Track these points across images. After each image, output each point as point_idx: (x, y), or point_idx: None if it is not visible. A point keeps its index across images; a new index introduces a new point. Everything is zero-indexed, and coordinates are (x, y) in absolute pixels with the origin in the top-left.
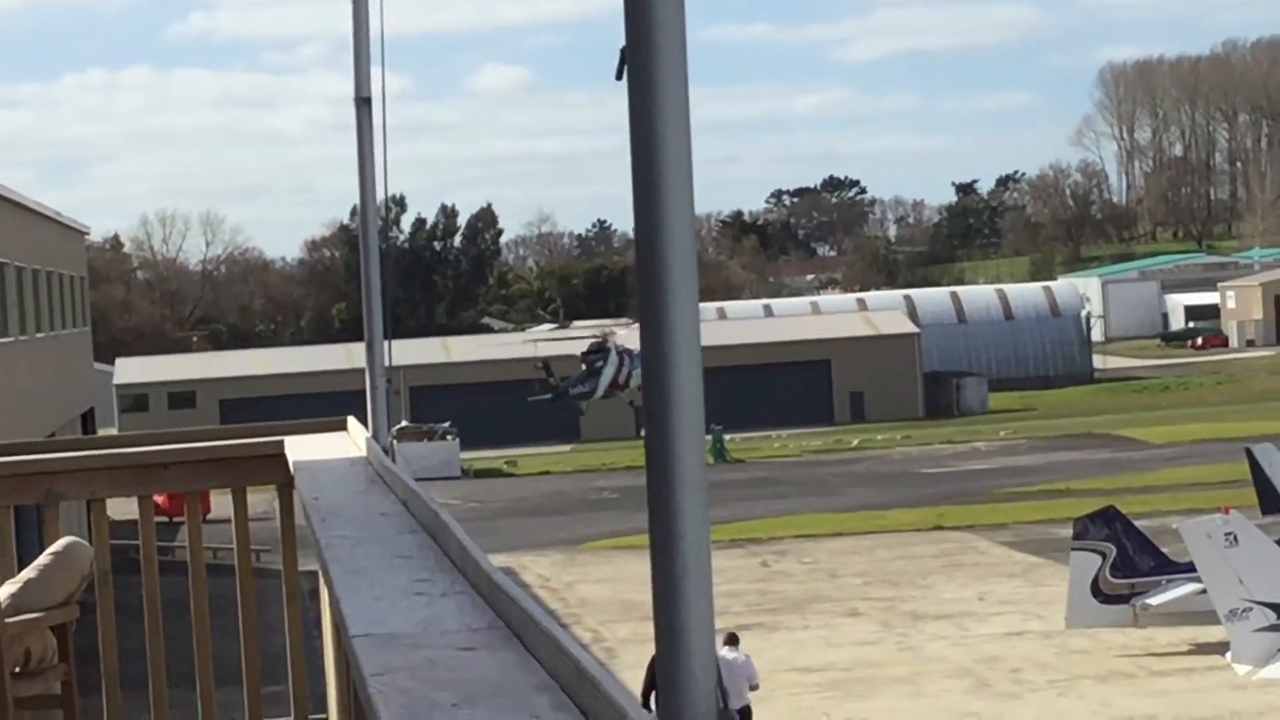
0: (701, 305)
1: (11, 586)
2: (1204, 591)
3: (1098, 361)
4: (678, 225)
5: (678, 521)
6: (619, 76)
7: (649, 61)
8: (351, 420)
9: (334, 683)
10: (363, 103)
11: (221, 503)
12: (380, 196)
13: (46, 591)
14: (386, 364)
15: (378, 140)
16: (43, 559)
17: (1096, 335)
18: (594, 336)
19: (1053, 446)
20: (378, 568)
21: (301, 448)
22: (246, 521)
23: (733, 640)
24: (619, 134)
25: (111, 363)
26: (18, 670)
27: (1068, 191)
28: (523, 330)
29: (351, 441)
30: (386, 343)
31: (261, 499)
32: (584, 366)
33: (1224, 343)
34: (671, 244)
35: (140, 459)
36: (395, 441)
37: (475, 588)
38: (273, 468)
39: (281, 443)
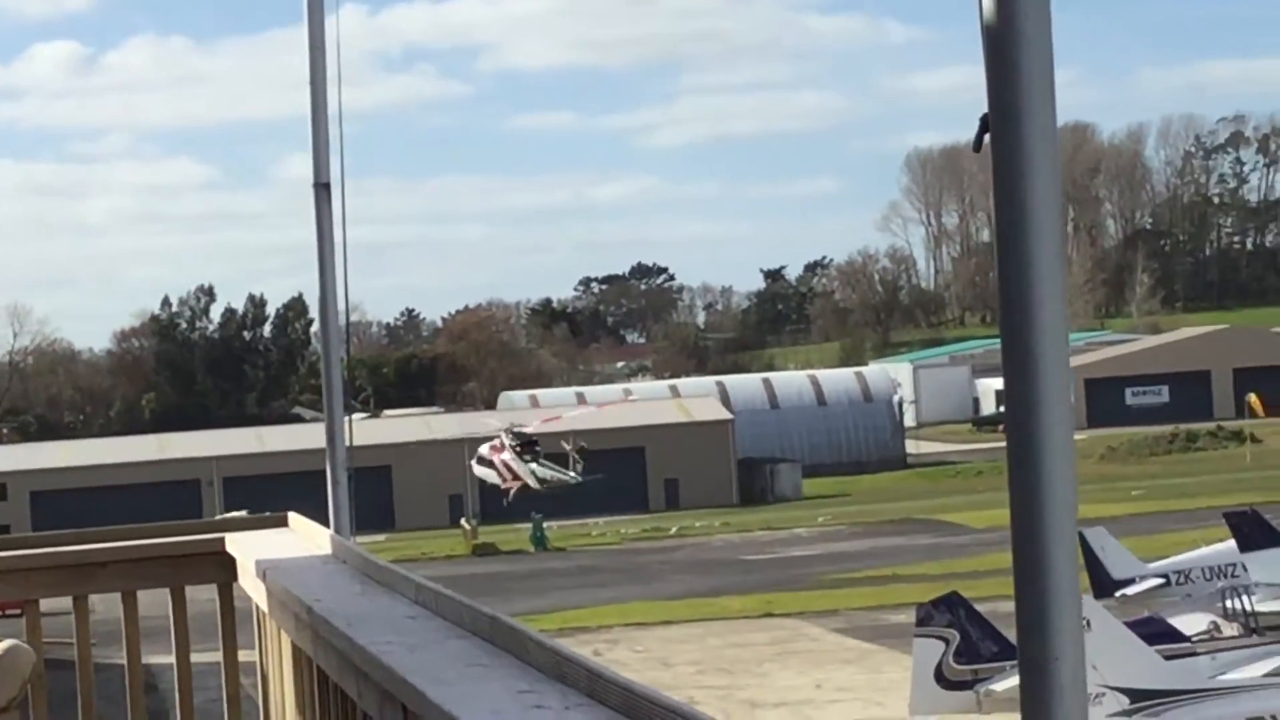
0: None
1: None
2: None
3: (910, 446)
4: (1049, 299)
5: (1051, 637)
6: (976, 148)
7: (1017, 129)
8: (294, 516)
9: None
10: (321, 188)
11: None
12: (341, 281)
13: None
14: (347, 455)
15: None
16: None
17: (909, 420)
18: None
19: (873, 532)
20: (460, 678)
21: (245, 545)
22: (185, 622)
23: None
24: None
25: None
26: None
27: (876, 277)
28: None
29: (303, 538)
30: (348, 435)
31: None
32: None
33: None
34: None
35: (78, 558)
36: None
37: (594, 697)
38: (213, 565)
39: (222, 539)
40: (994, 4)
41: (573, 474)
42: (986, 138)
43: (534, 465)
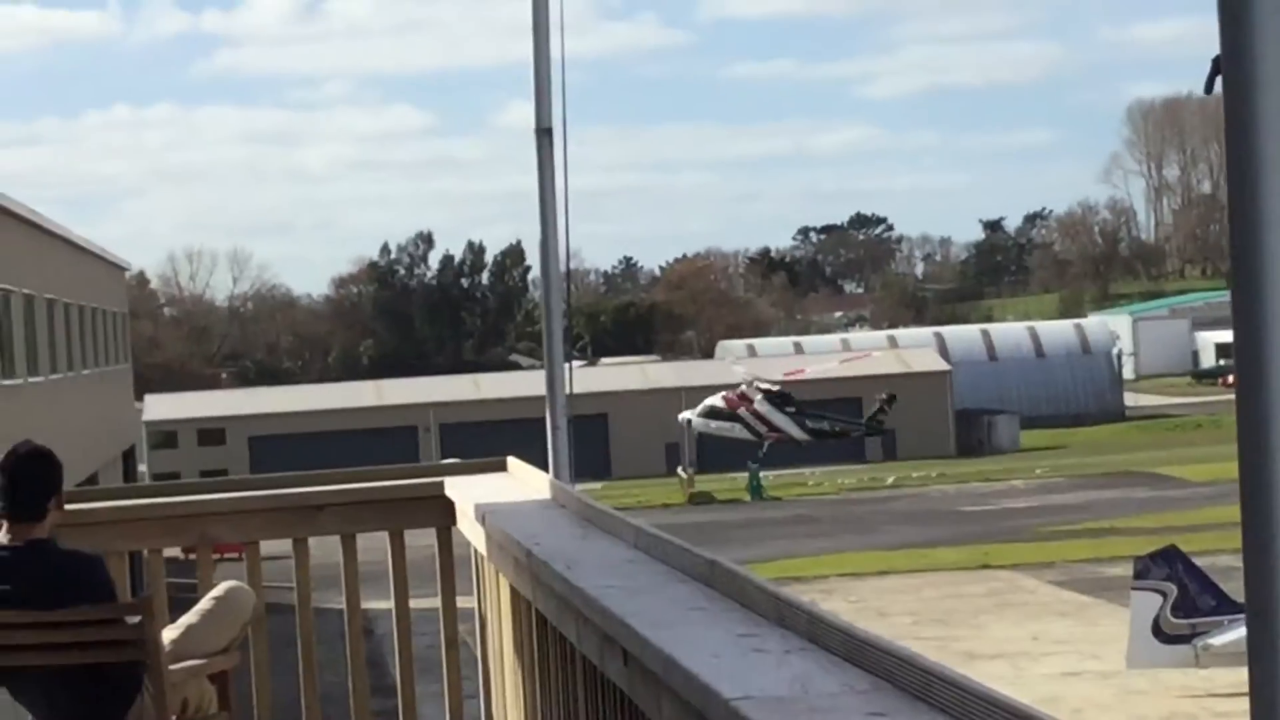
0: (731, 343)
1: (172, 632)
2: None
3: (1129, 399)
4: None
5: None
6: (1208, 90)
7: (1249, 71)
8: (512, 460)
9: None
10: (544, 133)
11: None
12: (563, 230)
13: (207, 638)
14: (567, 402)
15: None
16: (204, 604)
17: (1127, 373)
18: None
19: (1091, 484)
20: (680, 621)
21: (464, 489)
22: (404, 565)
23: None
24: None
25: (140, 399)
26: None
27: (1096, 229)
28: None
29: (522, 483)
30: (569, 380)
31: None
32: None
33: None
34: (1274, 264)
35: (296, 500)
36: None
37: (815, 641)
38: (431, 509)
39: (441, 484)
40: None
41: (837, 425)
42: (1218, 80)
43: (805, 419)
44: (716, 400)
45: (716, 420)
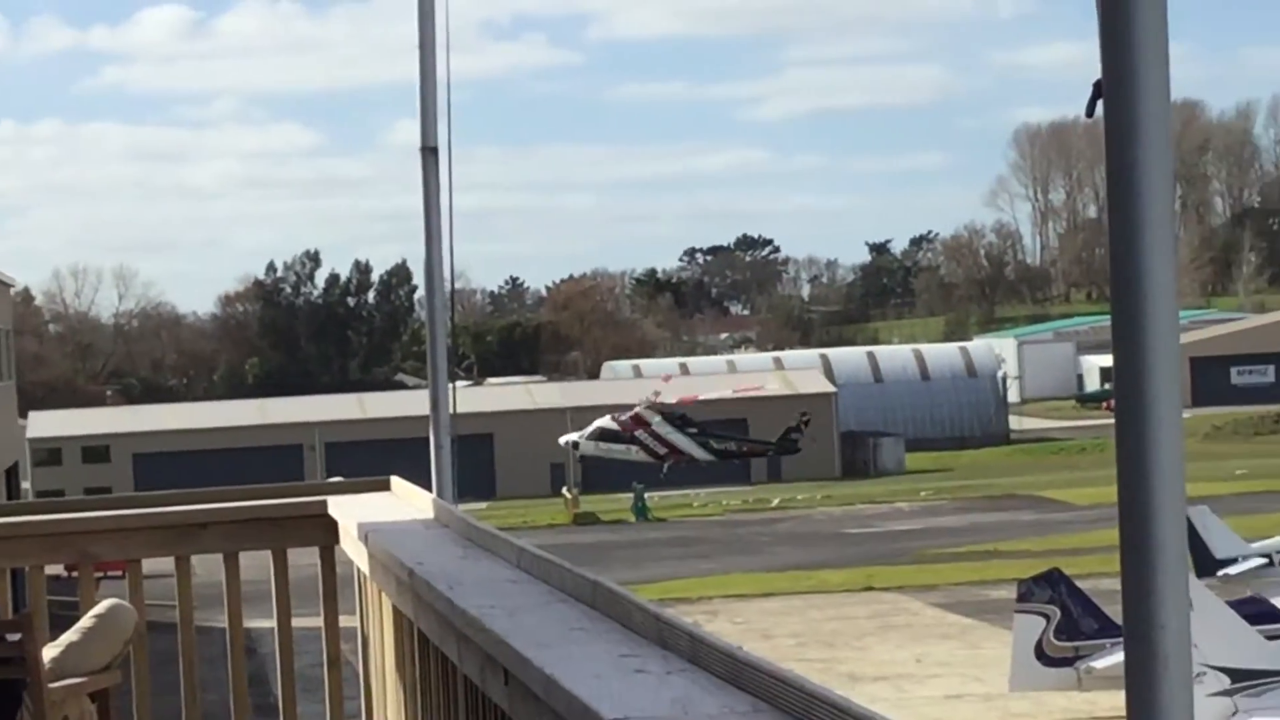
0: (616, 364)
1: (53, 650)
2: None
3: (1014, 422)
4: (1159, 265)
5: (1155, 604)
6: (1089, 113)
7: (1130, 94)
8: (395, 479)
9: None
10: (429, 152)
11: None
12: (447, 249)
13: (88, 655)
14: (451, 421)
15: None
16: (85, 621)
17: (1012, 396)
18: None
19: (976, 507)
20: (560, 641)
21: (347, 508)
22: (287, 584)
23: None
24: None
25: (24, 416)
26: None
27: (982, 252)
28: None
29: (405, 502)
30: (453, 399)
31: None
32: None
33: None
34: (1152, 285)
35: (179, 518)
36: None
37: (697, 663)
38: (315, 528)
39: (324, 503)
40: None
41: (744, 445)
42: (1099, 103)
43: (709, 440)
44: (607, 422)
45: (608, 443)
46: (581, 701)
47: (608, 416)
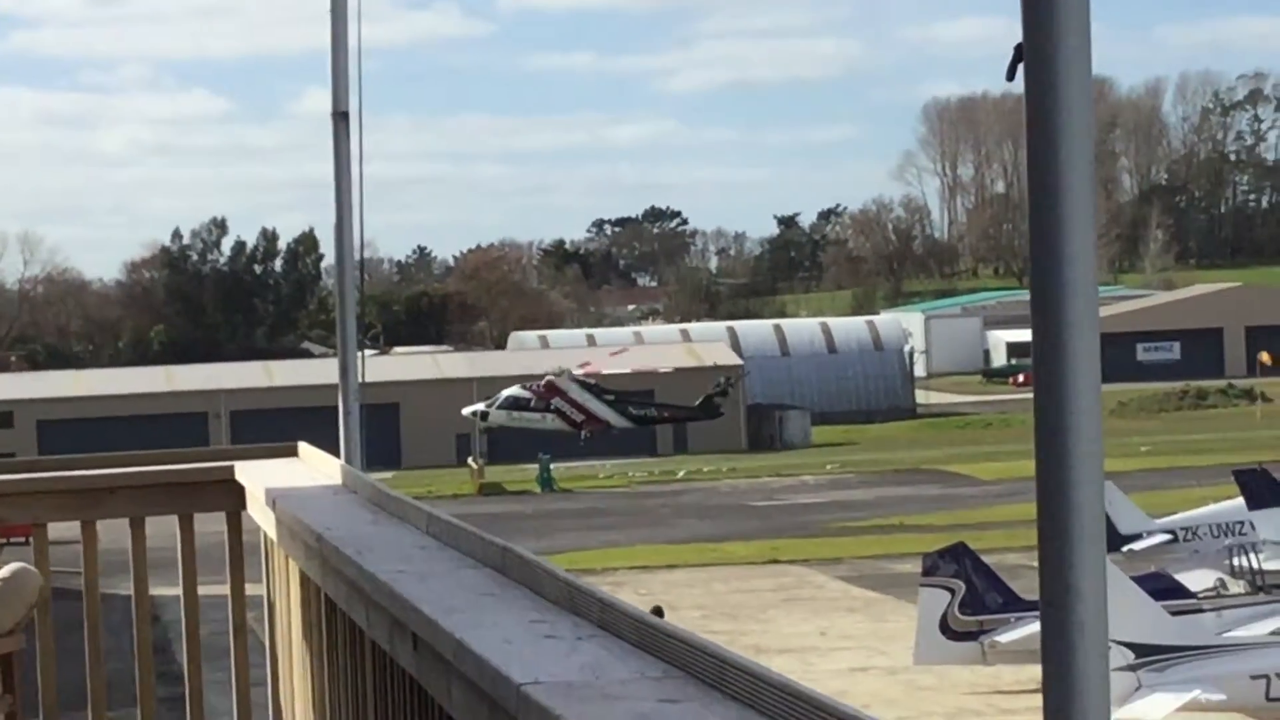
0: (523, 334)
1: None
2: None
3: (920, 397)
4: (1078, 230)
5: (1073, 573)
6: (1010, 76)
7: (1049, 57)
8: (304, 445)
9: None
10: (339, 117)
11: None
12: (357, 214)
13: None
14: (359, 389)
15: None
16: None
17: (919, 370)
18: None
19: (881, 481)
20: (469, 606)
21: (255, 474)
22: (193, 549)
23: (658, 614)
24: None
25: None
26: None
27: (890, 226)
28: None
29: (313, 469)
30: (360, 367)
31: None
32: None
33: None
34: (1071, 249)
35: (85, 483)
36: None
37: (607, 629)
38: (222, 494)
39: (232, 468)
40: None
41: (664, 411)
42: (1020, 67)
43: (628, 406)
44: (518, 391)
45: (521, 411)
46: (492, 666)
47: (517, 386)
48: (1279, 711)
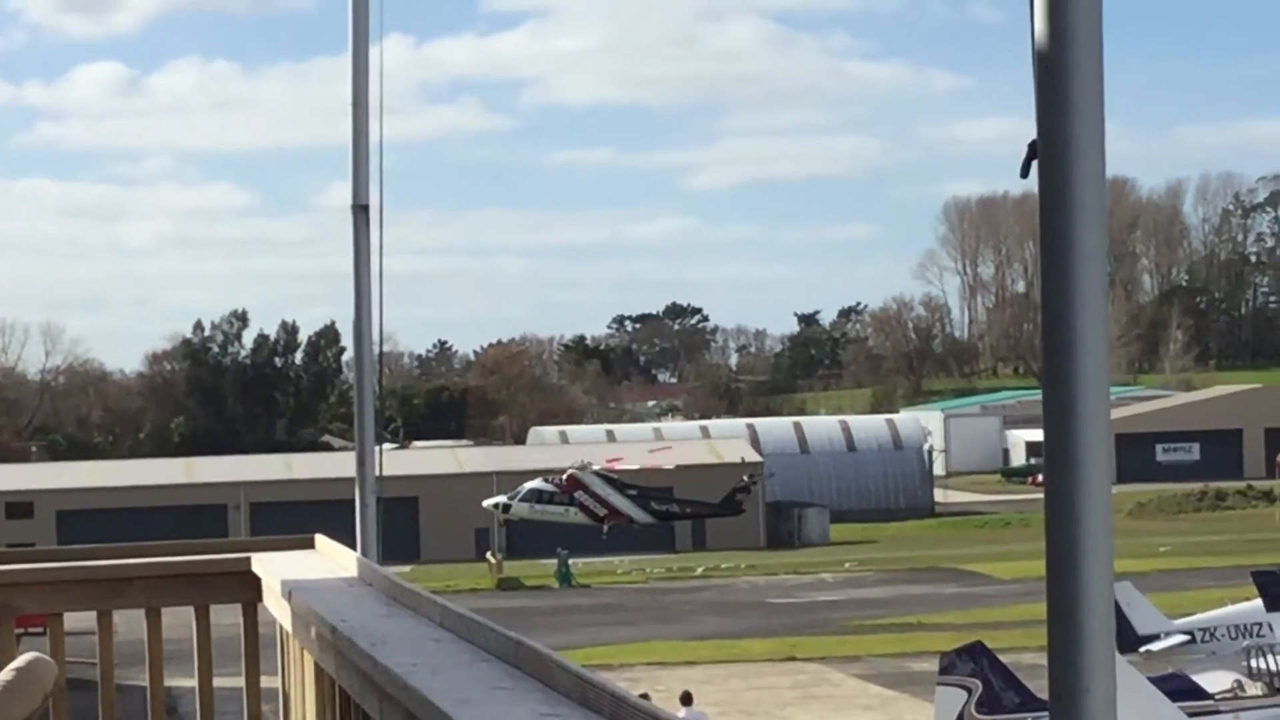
0: (543, 429)
1: None
2: None
3: (939, 495)
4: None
5: (1082, 669)
6: (1024, 174)
7: (1062, 152)
8: (320, 537)
9: None
10: (360, 210)
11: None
12: (377, 307)
13: (6, 709)
14: (376, 482)
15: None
16: (3, 675)
17: (938, 469)
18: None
19: (899, 579)
20: (483, 699)
21: (272, 565)
22: (209, 640)
23: (687, 700)
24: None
25: None
26: None
27: (910, 324)
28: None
29: (329, 561)
30: (379, 460)
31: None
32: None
33: None
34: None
35: (102, 573)
36: None
37: None
38: (238, 585)
39: (248, 559)
40: (1045, 24)
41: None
42: (1034, 164)
43: (650, 501)
44: (540, 484)
45: (543, 504)
46: None
47: (539, 479)
48: None
